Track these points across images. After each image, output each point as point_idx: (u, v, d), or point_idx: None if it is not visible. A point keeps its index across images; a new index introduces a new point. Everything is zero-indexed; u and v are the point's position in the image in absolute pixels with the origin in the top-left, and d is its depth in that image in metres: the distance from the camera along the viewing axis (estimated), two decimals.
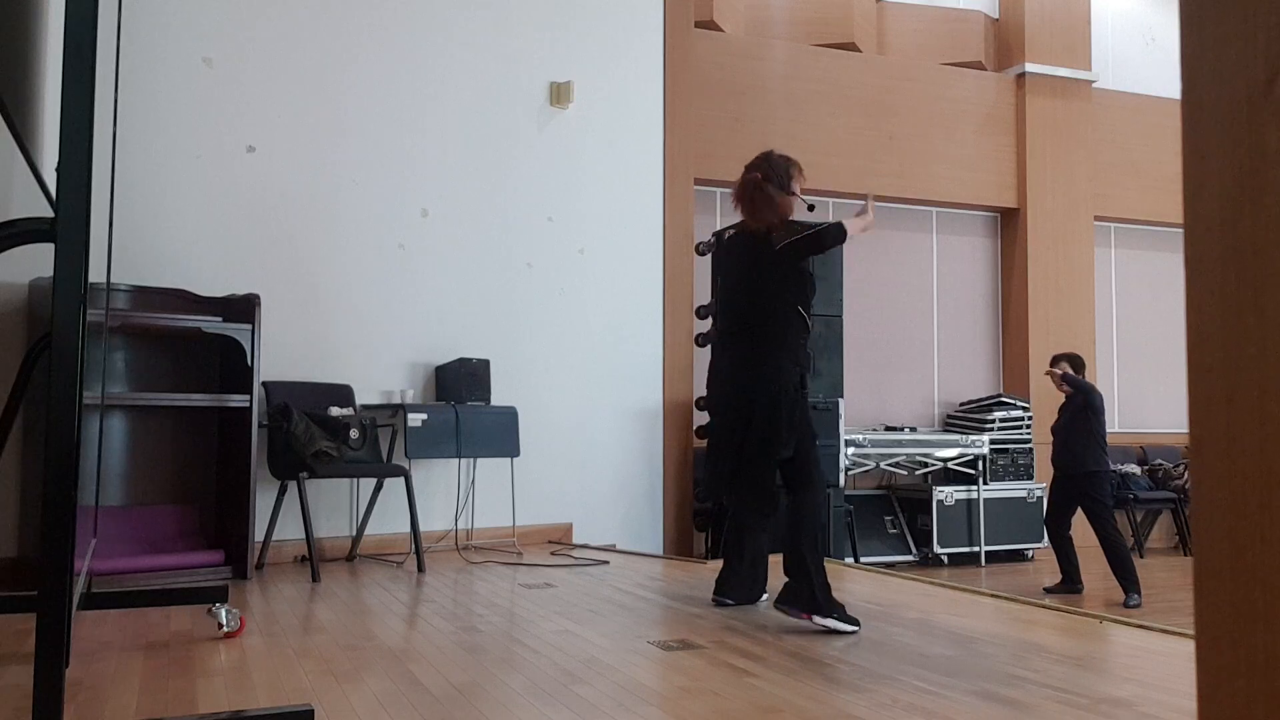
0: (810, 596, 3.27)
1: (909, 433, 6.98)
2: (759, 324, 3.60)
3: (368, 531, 4.87)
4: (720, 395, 3.70)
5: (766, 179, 3.65)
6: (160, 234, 4.66)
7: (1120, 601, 5.35)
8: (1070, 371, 5.76)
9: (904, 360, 7.44)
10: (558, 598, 3.82)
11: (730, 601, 3.70)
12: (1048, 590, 5.59)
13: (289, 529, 4.61)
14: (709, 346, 5.83)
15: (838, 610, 3.27)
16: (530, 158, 5.58)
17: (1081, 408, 5.66)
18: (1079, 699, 2.44)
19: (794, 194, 3.68)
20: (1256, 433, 0.57)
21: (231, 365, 4.41)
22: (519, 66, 5.58)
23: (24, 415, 4.03)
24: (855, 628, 3.25)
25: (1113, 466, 7.64)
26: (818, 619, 3.24)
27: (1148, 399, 8.14)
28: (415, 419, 4.78)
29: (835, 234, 3.59)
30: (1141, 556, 7.45)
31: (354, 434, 4.47)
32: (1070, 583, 5.64)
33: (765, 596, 3.75)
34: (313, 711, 2.18)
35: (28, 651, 2.85)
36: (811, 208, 3.79)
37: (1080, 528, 5.73)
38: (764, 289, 3.60)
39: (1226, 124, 0.60)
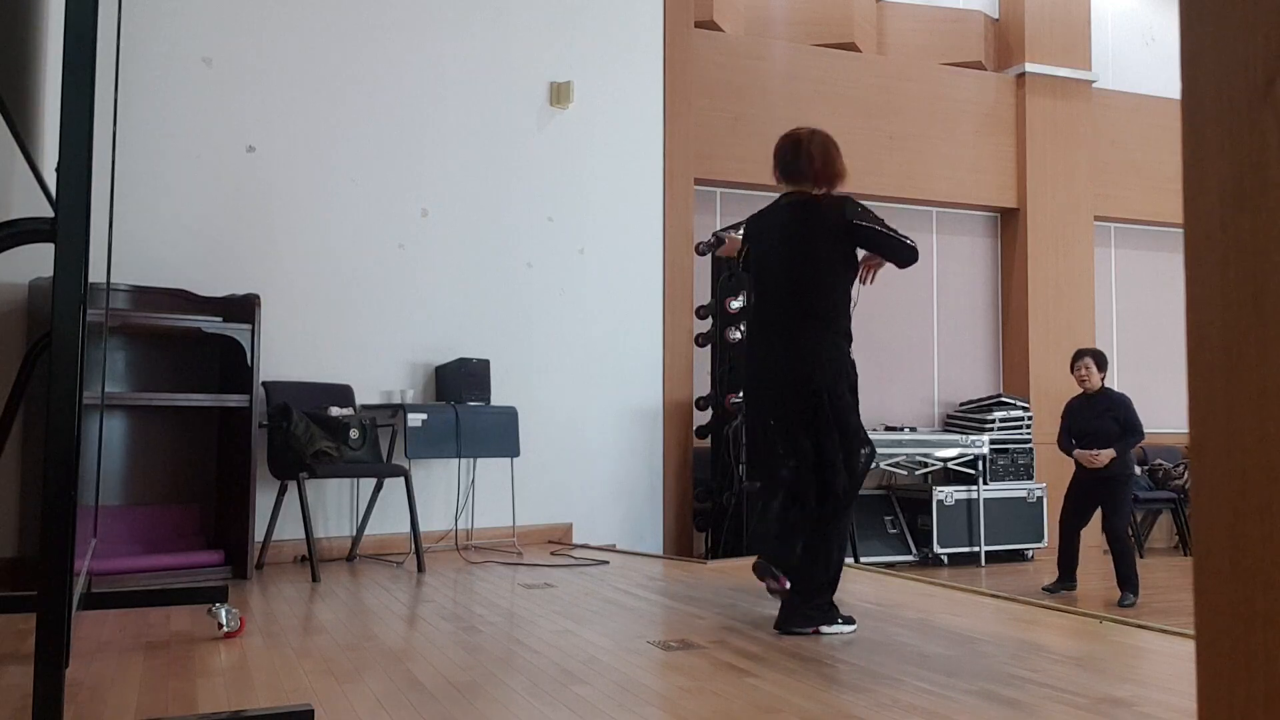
0: (816, 611, 3.21)
1: (909, 433, 6.97)
2: (818, 303, 3.34)
3: (368, 531, 4.87)
4: (772, 384, 3.35)
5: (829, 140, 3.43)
6: (160, 234, 4.66)
7: (1115, 600, 5.37)
8: (1095, 369, 5.66)
9: (904, 360, 7.44)
10: (558, 598, 3.82)
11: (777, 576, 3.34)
12: (1047, 589, 5.57)
13: (289, 529, 4.61)
14: (745, 336, 5.73)
15: (839, 617, 3.25)
16: (530, 158, 5.58)
17: (1109, 411, 5.59)
18: (1079, 699, 2.44)
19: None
20: (1256, 433, 0.57)
21: (231, 365, 4.41)
22: (519, 66, 5.58)
23: (24, 415, 4.03)
24: (853, 626, 3.25)
25: None
26: (824, 629, 3.20)
27: (1148, 399, 8.12)
28: (415, 419, 4.78)
29: (913, 254, 3.39)
30: (1141, 556, 7.45)
31: (354, 434, 4.47)
32: (1065, 580, 5.64)
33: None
34: (313, 711, 2.18)
35: (28, 651, 2.85)
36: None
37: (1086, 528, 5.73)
38: (828, 264, 3.35)
39: (1226, 124, 0.60)
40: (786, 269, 3.39)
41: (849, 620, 3.26)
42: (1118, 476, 5.53)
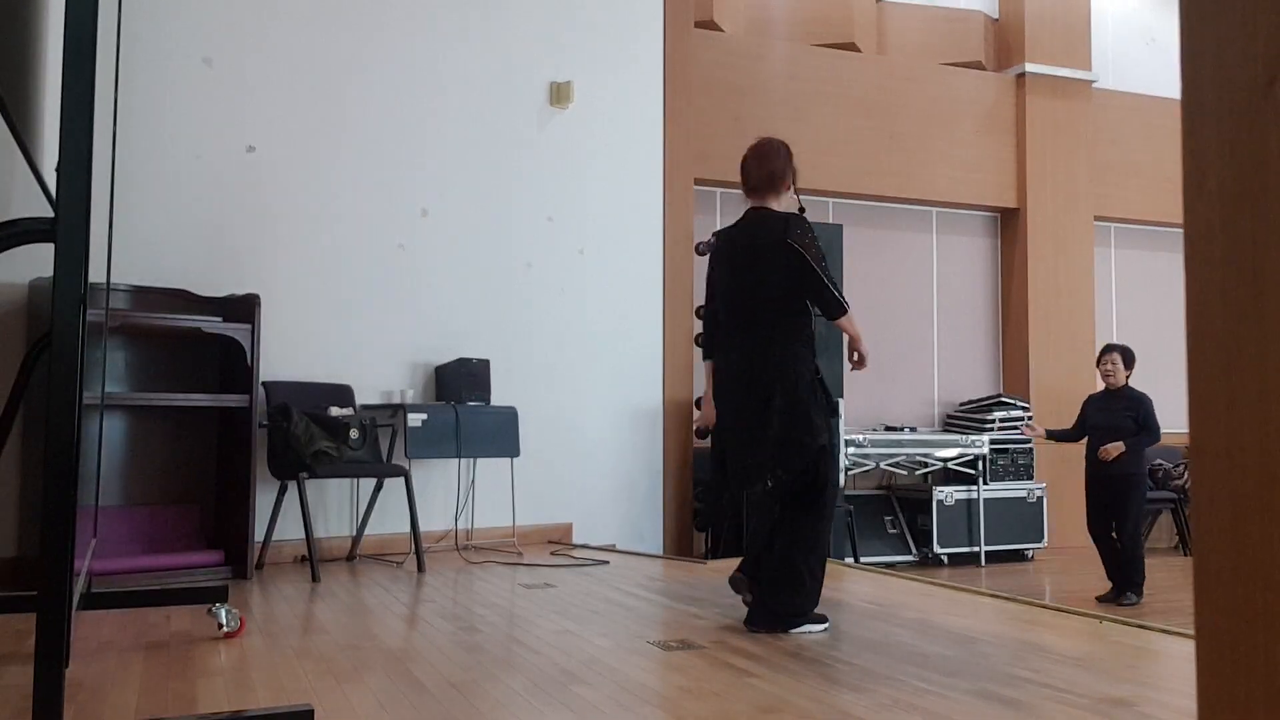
0: (784, 614, 3.21)
1: (909, 433, 6.97)
2: (770, 313, 3.36)
3: (368, 531, 4.87)
4: (732, 391, 3.42)
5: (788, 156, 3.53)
6: (160, 234, 4.66)
7: (1116, 598, 5.33)
8: (1122, 365, 5.51)
9: (904, 360, 7.44)
10: (558, 598, 3.82)
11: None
12: (1101, 600, 5.33)
13: (289, 529, 4.61)
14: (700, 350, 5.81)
15: (809, 617, 3.23)
16: (530, 158, 5.58)
17: (1127, 409, 5.44)
18: (1079, 699, 2.44)
19: (794, 185, 3.57)
20: (1257, 433, 0.57)
21: (231, 365, 4.41)
22: (519, 66, 5.58)
23: (24, 415, 4.03)
24: (825, 625, 3.24)
25: None
26: (793, 631, 3.19)
27: None
28: (415, 419, 4.78)
29: (838, 307, 3.36)
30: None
31: (354, 434, 4.47)
32: (1122, 590, 5.40)
33: None
34: (313, 711, 2.18)
35: (28, 651, 2.85)
36: (803, 210, 3.61)
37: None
38: (772, 279, 3.37)
39: (1226, 124, 0.60)
40: (747, 284, 3.46)
41: (820, 619, 3.24)
42: (1129, 477, 5.38)
